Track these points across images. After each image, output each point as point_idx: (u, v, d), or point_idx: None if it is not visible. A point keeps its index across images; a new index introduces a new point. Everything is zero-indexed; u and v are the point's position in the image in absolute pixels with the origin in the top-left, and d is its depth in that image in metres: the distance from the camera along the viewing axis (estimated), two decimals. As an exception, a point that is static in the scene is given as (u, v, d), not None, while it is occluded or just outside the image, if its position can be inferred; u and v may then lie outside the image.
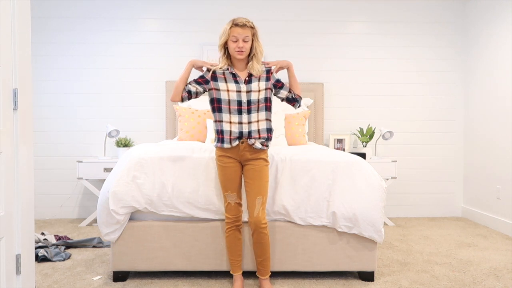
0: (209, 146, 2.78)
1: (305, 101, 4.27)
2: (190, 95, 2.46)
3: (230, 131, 2.40)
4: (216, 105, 2.43)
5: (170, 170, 2.59)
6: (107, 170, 4.10)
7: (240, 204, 2.48)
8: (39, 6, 4.44)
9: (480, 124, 4.43)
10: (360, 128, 4.50)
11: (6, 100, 1.84)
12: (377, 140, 4.59)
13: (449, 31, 4.72)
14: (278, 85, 2.55)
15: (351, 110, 4.70)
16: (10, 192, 1.87)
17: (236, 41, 2.34)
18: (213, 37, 4.53)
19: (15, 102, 1.89)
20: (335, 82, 4.67)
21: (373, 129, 4.45)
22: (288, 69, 2.56)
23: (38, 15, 4.43)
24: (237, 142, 2.40)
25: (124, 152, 4.16)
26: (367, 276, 2.69)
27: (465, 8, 4.71)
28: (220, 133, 2.43)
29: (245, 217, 2.55)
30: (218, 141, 2.45)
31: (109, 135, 4.21)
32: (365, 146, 4.44)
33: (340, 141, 4.54)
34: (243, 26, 2.33)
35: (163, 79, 4.55)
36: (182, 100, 2.48)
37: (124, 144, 4.26)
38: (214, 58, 4.50)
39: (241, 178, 2.49)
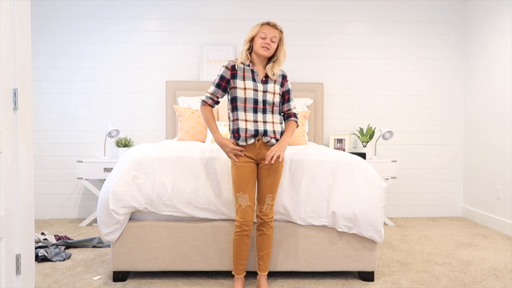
0: (209, 146, 2.78)
1: (305, 101, 4.27)
2: (217, 102, 2.53)
3: (246, 129, 2.38)
4: (233, 104, 2.43)
5: (170, 170, 2.59)
6: (107, 170, 4.10)
7: (251, 208, 2.41)
8: (39, 6, 4.44)
9: (480, 124, 4.43)
10: (360, 128, 4.50)
11: (6, 100, 1.84)
12: (377, 140, 4.59)
13: (449, 31, 4.72)
14: (286, 97, 2.54)
15: (351, 110, 4.69)
16: (10, 192, 1.87)
17: (264, 38, 2.39)
18: (213, 37, 4.54)
19: (15, 102, 1.89)
20: (335, 82, 4.67)
21: (373, 129, 4.45)
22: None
23: (38, 15, 4.43)
24: (252, 140, 2.39)
25: (124, 152, 4.16)
26: (367, 276, 2.69)
27: (465, 8, 4.71)
28: (236, 131, 2.41)
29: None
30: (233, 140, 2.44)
31: (109, 135, 4.20)
32: (365, 146, 4.44)
33: (340, 141, 4.54)
34: (274, 26, 2.41)
35: (163, 79, 4.55)
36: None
37: (124, 144, 4.26)
38: (214, 58, 4.50)
39: (255, 180, 2.45)
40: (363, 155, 4.22)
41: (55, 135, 4.51)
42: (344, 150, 4.51)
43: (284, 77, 2.52)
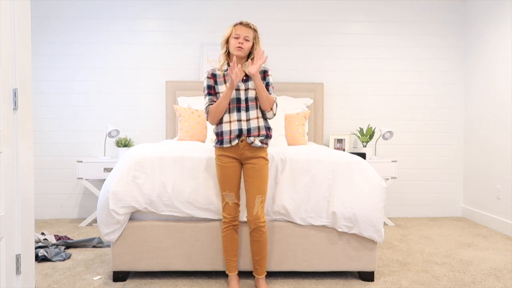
0: (209, 146, 2.78)
1: (305, 101, 4.27)
2: None
3: (230, 131, 2.41)
4: None
5: (170, 170, 2.59)
6: (107, 170, 4.10)
7: (238, 204, 2.48)
8: (39, 6, 4.44)
9: (480, 124, 4.43)
10: (360, 128, 4.50)
11: (6, 100, 1.84)
12: (377, 140, 4.59)
13: (449, 31, 4.72)
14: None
15: (351, 110, 4.69)
16: (10, 192, 1.87)
17: (237, 38, 2.41)
18: (213, 37, 4.54)
19: (15, 102, 1.89)
20: (335, 82, 4.67)
21: (373, 129, 4.45)
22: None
23: (38, 15, 4.42)
24: (236, 141, 2.41)
25: (124, 152, 4.16)
26: (367, 276, 2.69)
27: (465, 8, 4.71)
28: (220, 135, 2.44)
29: (242, 217, 2.55)
30: (217, 143, 2.47)
31: (109, 135, 4.21)
32: (365, 146, 4.44)
33: (340, 141, 4.54)
34: (247, 25, 2.43)
35: (163, 79, 4.55)
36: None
37: (124, 144, 4.26)
38: (214, 58, 4.50)
39: (240, 178, 2.49)
40: (363, 155, 4.22)
41: (55, 135, 4.51)
42: (344, 150, 4.51)
43: (264, 72, 2.51)
